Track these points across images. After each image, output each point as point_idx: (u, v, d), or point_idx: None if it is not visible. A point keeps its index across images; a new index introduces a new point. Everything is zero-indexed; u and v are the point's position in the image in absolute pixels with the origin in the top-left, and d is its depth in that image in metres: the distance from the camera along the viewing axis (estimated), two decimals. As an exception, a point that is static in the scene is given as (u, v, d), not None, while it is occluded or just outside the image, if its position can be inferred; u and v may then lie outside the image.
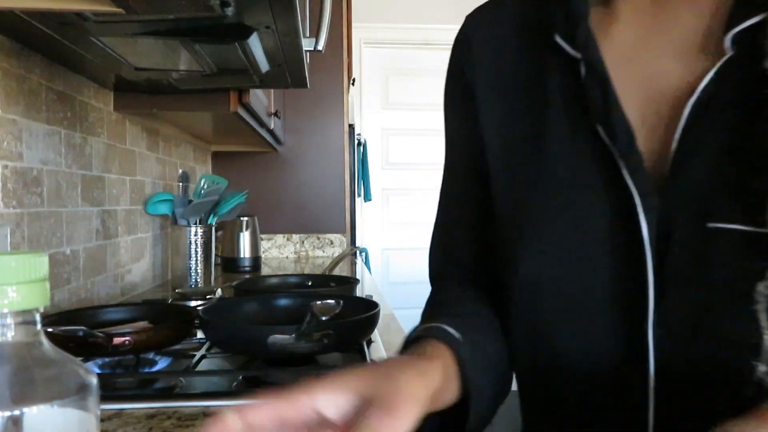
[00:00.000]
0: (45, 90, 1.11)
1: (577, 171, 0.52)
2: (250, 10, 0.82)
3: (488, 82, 0.61)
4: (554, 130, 0.54)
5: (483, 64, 0.62)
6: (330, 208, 2.64)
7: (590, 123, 0.51)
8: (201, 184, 1.76)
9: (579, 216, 0.51)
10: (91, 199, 1.32)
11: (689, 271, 0.45)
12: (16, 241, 1.00)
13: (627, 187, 0.48)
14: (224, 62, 1.10)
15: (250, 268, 2.19)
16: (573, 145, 0.53)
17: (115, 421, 0.67)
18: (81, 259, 1.27)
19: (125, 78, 1.25)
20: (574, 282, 0.51)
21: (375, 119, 3.81)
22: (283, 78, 1.31)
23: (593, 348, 0.51)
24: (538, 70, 0.57)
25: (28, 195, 1.05)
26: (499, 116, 0.59)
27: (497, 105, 0.60)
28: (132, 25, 0.86)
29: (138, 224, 1.65)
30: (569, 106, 0.54)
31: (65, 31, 0.92)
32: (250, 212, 2.26)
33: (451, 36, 0.69)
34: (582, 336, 0.51)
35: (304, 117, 2.62)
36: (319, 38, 1.09)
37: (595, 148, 0.51)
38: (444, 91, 0.68)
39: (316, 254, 2.63)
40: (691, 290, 0.45)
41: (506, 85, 0.59)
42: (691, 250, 0.45)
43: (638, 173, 0.48)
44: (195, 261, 1.67)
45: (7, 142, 0.98)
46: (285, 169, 2.62)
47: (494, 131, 0.59)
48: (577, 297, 0.51)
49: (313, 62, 1.62)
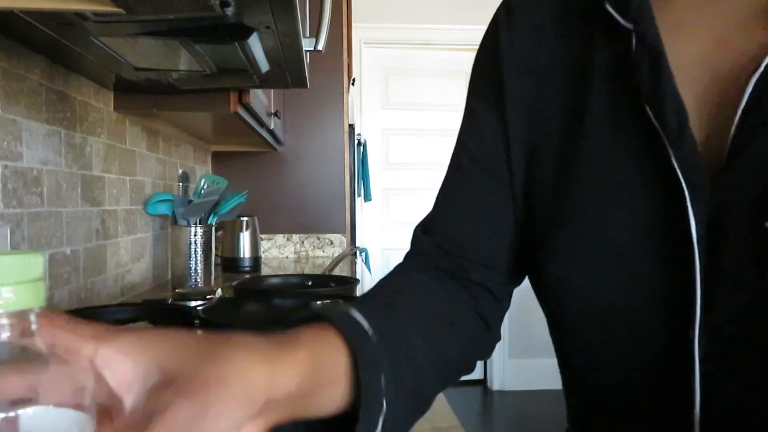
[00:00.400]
0: (45, 90, 1.11)
1: (619, 157, 0.46)
2: (250, 10, 0.82)
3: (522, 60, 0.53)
4: (596, 110, 0.48)
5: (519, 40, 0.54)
6: (330, 208, 2.64)
7: (638, 102, 0.45)
8: (201, 184, 1.76)
9: (619, 209, 0.46)
10: (91, 199, 1.32)
11: (741, 276, 0.40)
12: (16, 241, 1.00)
13: (675, 177, 0.42)
14: (224, 62, 1.10)
15: (250, 268, 2.19)
16: (617, 127, 0.47)
17: (114, 421, 0.67)
18: (81, 259, 1.27)
19: (125, 78, 1.25)
20: (610, 284, 0.46)
21: (375, 119, 3.81)
22: (283, 78, 1.30)
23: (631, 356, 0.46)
24: (584, 44, 0.50)
25: (28, 195, 1.05)
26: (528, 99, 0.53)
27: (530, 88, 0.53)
28: (132, 25, 0.86)
29: (138, 224, 1.65)
30: (616, 83, 0.47)
31: (65, 31, 0.92)
32: (250, 212, 2.26)
33: (451, 36, 0.67)
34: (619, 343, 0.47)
35: (304, 117, 2.61)
36: (319, 38, 1.09)
37: (642, 131, 0.44)
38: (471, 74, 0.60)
39: (316, 254, 2.63)
40: (744, 297, 0.40)
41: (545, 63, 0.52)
42: (745, 252, 0.40)
43: (689, 161, 0.42)
44: (195, 261, 1.66)
45: (7, 142, 0.98)
46: (285, 169, 2.62)
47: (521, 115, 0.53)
48: (614, 300, 0.46)
49: (313, 62, 1.62)
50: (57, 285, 1.15)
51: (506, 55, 0.55)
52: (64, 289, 1.19)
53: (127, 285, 1.56)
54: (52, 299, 1.13)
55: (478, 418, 3.43)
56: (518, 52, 0.54)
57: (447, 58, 3.81)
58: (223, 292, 1.44)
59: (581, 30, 0.51)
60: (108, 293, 1.42)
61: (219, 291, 1.45)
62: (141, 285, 1.67)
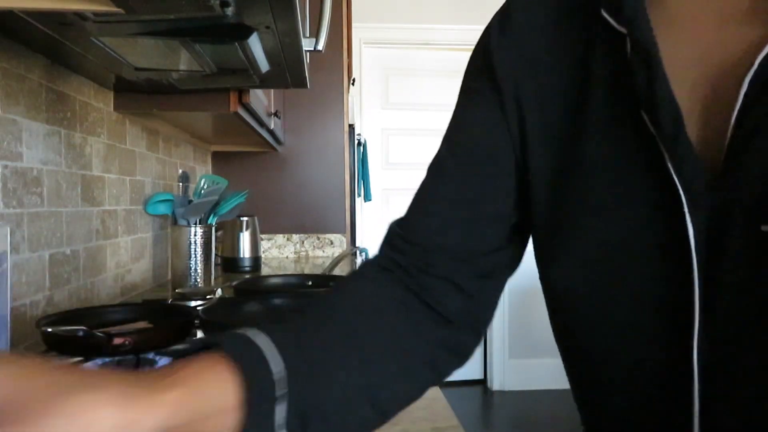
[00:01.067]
0: (45, 90, 1.11)
1: (617, 162, 0.46)
2: (250, 10, 0.82)
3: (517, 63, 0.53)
4: (595, 115, 0.47)
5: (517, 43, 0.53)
6: (330, 208, 2.64)
7: (636, 107, 0.44)
8: (201, 184, 1.76)
9: (617, 215, 0.45)
10: (91, 199, 1.32)
11: (740, 282, 0.39)
12: (16, 241, 1.00)
13: (672, 183, 0.41)
14: (224, 62, 1.10)
15: (250, 268, 2.19)
16: (615, 132, 0.46)
17: (114, 421, 0.67)
18: (81, 259, 1.27)
19: (125, 78, 1.25)
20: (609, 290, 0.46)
21: (375, 119, 3.81)
22: (283, 78, 1.31)
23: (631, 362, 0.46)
24: (582, 49, 0.49)
25: (28, 195, 1.05)
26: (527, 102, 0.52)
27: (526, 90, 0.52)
28: (132, 25, 0.86)
29: (138, 224, 1.65)
30: (614, 88, 0.47)
31: (65, 31, 0.92)
32: (250, 212, 2.26)
33: (451, 36, 0.67)
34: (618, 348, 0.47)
35: (304, 117, 2.61)
36: (319, 38, 1.09)
37: (640, 136, 0.44)
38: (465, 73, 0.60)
39: (316, 254, 2.63)
40: (742, 303, 0.40)
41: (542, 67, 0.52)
42: (743, 256, 0.39)
43: (685, 166, 0.41)
44: (195, 261, 1.67)
45: (7, 142, 0.98)
46: (285, 169, 2.62)
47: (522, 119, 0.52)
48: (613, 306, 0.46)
49: (313, 62, 1.62)
50: (57, 285, 1.15)
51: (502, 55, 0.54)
52: (64, 289, 1.19)
53: (127, 285, 1.56)
54: (52, 299, 1.13)
55: (478, 418, 3.43)
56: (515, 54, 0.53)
57: (447, 58, 3.81)
58: (223, 292, 1.44)
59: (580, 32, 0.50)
60: (108, 293, 1.42)
61: (219, 291, 1.45)
62: (141, 285, 1.67)
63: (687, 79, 0.44)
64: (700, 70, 0.44)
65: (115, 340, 0.79)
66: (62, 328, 0.80)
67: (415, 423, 0.67)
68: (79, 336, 0.78)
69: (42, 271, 1.10)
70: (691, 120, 0.42)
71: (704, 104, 0.43)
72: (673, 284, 0.42)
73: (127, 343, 0.79)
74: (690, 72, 0.44)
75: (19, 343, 1.00)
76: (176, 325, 0.89)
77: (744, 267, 0.39)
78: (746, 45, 0.41)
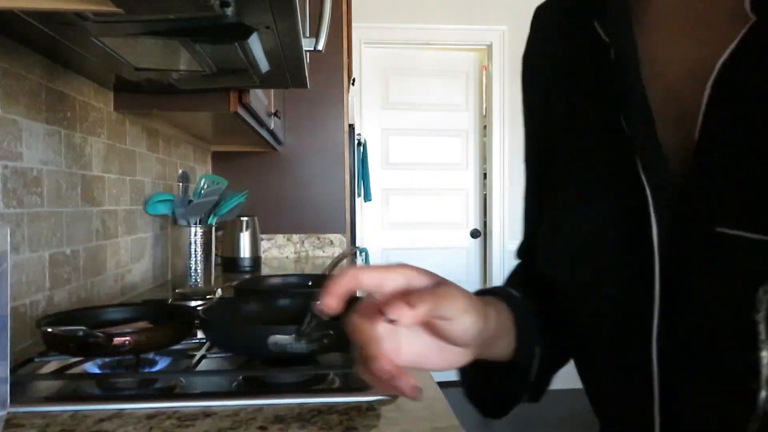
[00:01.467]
0: (45, 90, 1.11)
1: (598, 163, 0.49)
2: (250, 10, 0.82)
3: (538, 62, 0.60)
4: (585, 119, 0.51)
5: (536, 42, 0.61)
6: (330, 208, 2.64)
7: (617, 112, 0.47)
8: (201, 184, 1.76)
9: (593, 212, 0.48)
10: (91, 199, 1.32)
11: (695, 281, 0.41)
12: (16, 241, 1.00)
13: (641, 182, 0.43)
14: (224, 62, 1.10)
15: (250, 268, 2.19)
16: (599, 135, 0.49)
17: (115, 421, 0.67)
18: (81, 259, 1.27)
19: (125, 78, 1.25)
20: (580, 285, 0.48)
21: (375, 119, 3.81)
22: (283, 78, 1.30)
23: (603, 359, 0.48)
24: (579, 56, 0.53)
25: (28, 195, 1.05)
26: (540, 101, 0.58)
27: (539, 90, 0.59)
28: (132, 25, 0.86)
29: (138, 224, 1.65)
30: (601, 93, 0.50)
31: (65, 31, 0.92)
32: (250, 212, 2.26)
33: (451, 36, 0.69)
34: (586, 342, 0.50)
35: (304, 117, 2.62)
36: (319, 38, 1.09)
37: (618, 139, 0.46)
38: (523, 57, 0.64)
39: (316, 254, 2.63)
40: (695, 302, 0.41)
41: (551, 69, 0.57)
42: (699, 257, 0.40)
43: (653, 166, 0.43)
44: (195, 261, 1.67)
45: (7, 142, 0.98)
46: (285, 169, 2.62)
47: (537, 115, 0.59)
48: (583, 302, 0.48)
49: (313, 62, 1.62)
50: (57, 285, 1.15)
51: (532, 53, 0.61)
52: (64, 289, 1.19)
53: (127, 285, 1.56)
54: (52, 299, 1.13)
55: (478, 418, 3.42)
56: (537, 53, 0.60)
57: (447, 58, 3.81)
58: (223, 292, 1.44)
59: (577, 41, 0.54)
60: (108, 293, 1.42)
61: (219, 291, 1.45)
62: (141, 285, 1.67)
63: (664, 83, 0.45)
64: (677, 73, 0.45)
65: (115, 340, 0.79)
66: (62, 328, 0.80)
67: (415, 423, 0.67)
68: (79, 336, 0.78)
69: (42, 271, 1.10)
70: (668, 123, 0.44)
71: (678, 107, 0.44)
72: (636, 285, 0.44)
73: (127, 343, 0.79)
74: (667, 76, 0.46)
75: (19, 343, 1.00)
76: (176, 325, 0.89)
77: (699, 268, 0.40)
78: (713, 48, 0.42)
